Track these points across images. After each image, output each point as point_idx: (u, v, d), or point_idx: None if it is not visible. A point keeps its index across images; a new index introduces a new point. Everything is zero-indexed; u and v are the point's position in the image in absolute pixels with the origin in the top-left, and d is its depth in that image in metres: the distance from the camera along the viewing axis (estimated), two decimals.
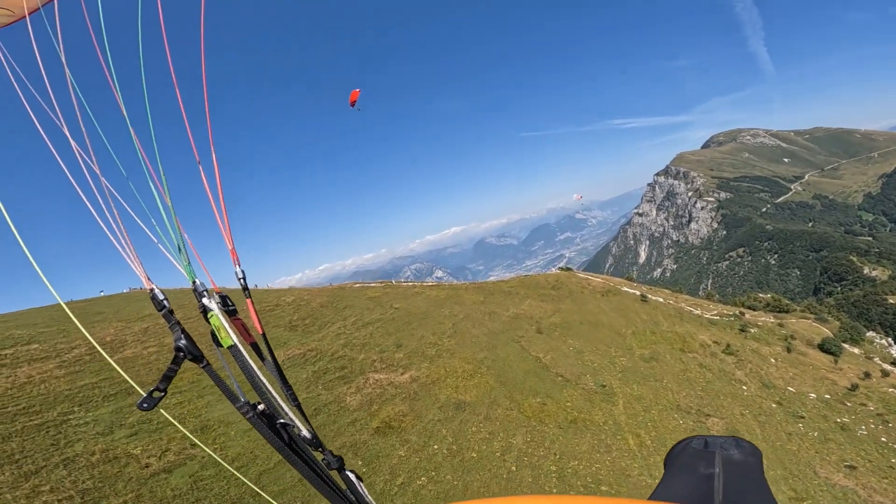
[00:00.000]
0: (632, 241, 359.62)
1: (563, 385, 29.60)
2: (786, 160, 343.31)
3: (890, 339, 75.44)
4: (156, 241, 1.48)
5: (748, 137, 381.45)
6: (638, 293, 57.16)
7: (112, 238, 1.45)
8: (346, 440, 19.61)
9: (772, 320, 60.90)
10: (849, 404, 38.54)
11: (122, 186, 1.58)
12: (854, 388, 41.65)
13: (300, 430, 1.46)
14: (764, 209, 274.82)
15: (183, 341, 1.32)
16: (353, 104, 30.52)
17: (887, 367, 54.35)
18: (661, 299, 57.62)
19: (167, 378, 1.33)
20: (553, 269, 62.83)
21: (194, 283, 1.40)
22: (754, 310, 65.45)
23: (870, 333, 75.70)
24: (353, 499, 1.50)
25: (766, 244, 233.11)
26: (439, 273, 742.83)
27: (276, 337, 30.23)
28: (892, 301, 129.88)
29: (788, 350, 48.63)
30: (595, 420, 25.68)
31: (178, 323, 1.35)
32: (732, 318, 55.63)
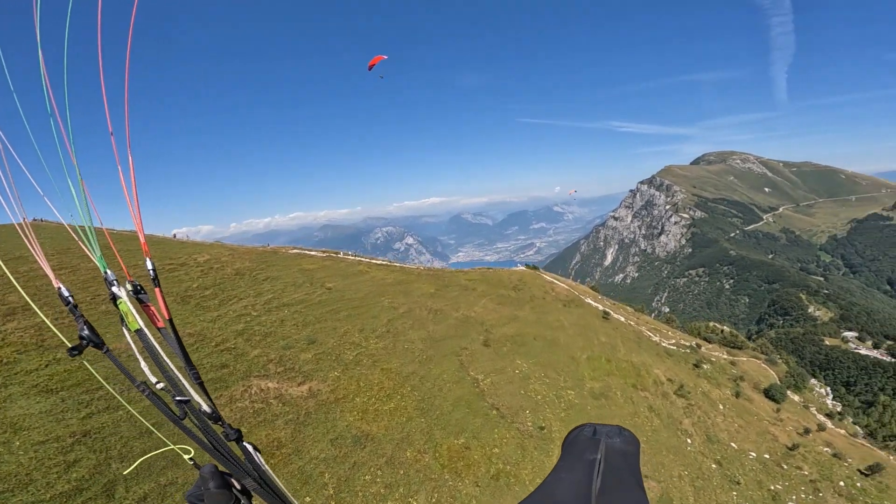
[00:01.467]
0: (602, 243, 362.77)
1: (497, 422, 24.84)
2: (767, 190, 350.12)
3: (828, 389, 76.74)
4: (76, 236, 1.48)
5: (738, 161, 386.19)
6: (601, 308, 53.43)
7: (21, 232, 1.50)
8: (166, 479, 13.14)
9: (724, 356, 59.53)
10: (785, 467, 37.07)
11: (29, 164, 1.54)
12: (794, 447, 41.55)
13: (200, 406, 1.57)
14: (733, 234, 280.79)
15: (85, 331, 1.45)
16: (370, 68, 30.74)
17: (822, 418, 55.38)
18: (623, 318, 54.15)
19: (77, 349, 1.47)
20: (519, 266, 58.04)
21: (105, 272, 1.48)
22: (709, 342, 63.90)
23: (812, 381, 76.79)
24: (251, 468, 1.61)
25: (725, 268, 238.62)
26: (410, 240, 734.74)
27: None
28: (827, 343, 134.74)
29: (737, 395, 47.52)
30: (521, 477, 21.07)
31: (82, 315, 1.46)
32: (688, 351, 53.56)
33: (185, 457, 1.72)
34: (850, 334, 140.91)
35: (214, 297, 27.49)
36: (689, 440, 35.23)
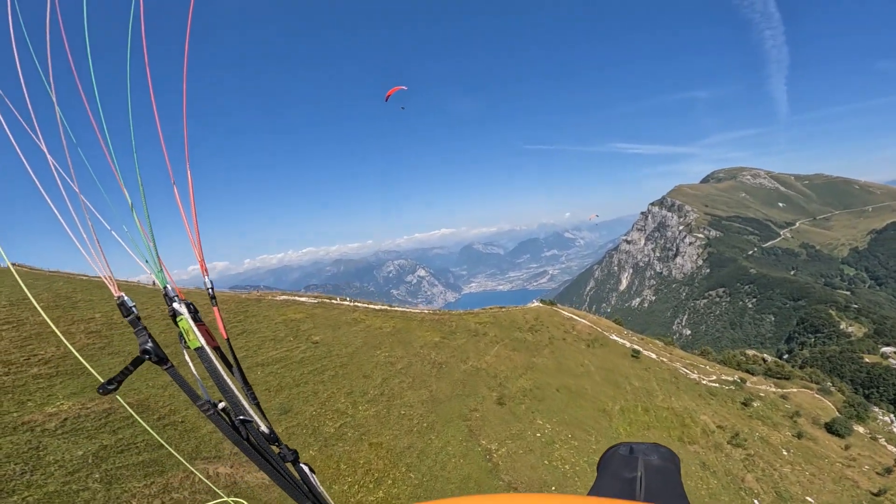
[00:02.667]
0: (615, 268, 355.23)
1: None
2: (781, 205, 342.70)
3: (892, 416, 68.57)
4: (131, 252, 1.50)
5: (748, 177, 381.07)
6: (628, 344, 47.88)
7: (83, 250, 1.45)
8: None
9: (773, 389, 52.97)
10: None
11: (91, 193, 1.51)
12: (879, 493, 35.47)
13: (259, 426, 1.53)
14: (750, 252, 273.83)
15: (150, 345, 1.39)
16: (387, 99, 31.18)
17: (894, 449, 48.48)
18: (654, 355, 48.38)
19: (123, 375, 1.43)
20: (534, 302, 52.97)
21: (165, 289, 1.45)
22: (753, 374, 57.31)
23: (874, 408, 69.07)
24: (307, 489, 1.59)
25: (746, 287, 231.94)
26: (422, 272, 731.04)
27: (110, 372, 19.41)
28: (867, 360, 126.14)
29: (799, 436, 41.13)
30: None
31: (145, 328, 1.40)
32: (733, 388, 47.29)
33: None
34: (889, 350, 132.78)
35: (174, 357, 23.05)
36: (756, 501, 29.11)
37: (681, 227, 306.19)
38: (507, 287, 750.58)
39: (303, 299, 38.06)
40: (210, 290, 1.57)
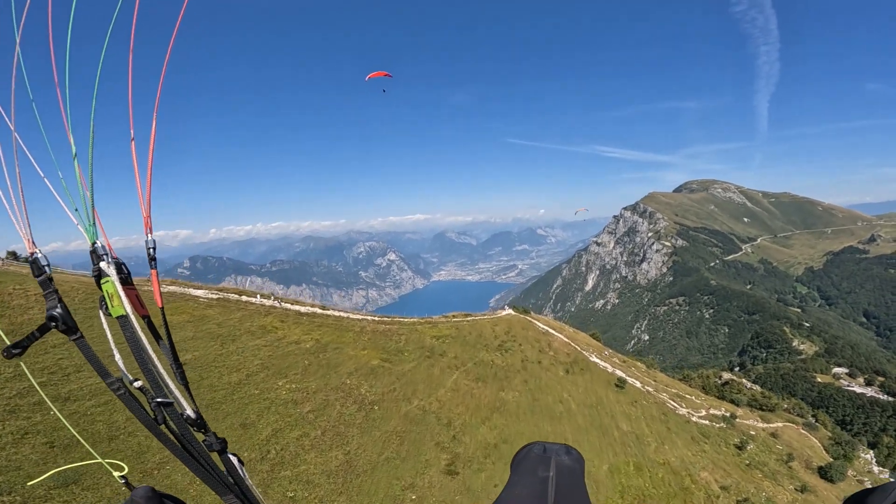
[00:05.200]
0: (583, 268, 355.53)
1: None
2: (746, 220, 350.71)
3: (872, 454, 65.41)
4: (59, 198, 1.29)
5: (719, 190, 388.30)
6: (610, 369, 40.51)
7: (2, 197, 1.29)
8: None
9: (761, 425, 47.51)
10: None
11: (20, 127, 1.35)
12: None
13: (184, 410, 1.35)
14: (713, 263, 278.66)
15: (58, 310, 1.20)
16: (369, 79, 30.80)
17: None
18: (639, 383, 41.28)
19: (29, 340, 1.25)
20: (505, 311, 44.54)
21: (94, 245, 1.27)
22: (737, 404, 51.89)
23: (857, 445, 66.03)
24: (232, 481, 1.44)
25: (705, 298, 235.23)
26: (392, 256, 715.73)
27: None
28: (819, 379, 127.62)
29: (803, 489, 35.13)
30: None
31: (56, 291, 1.23)
32: (724, 425, 41.14)
33: (116, 474, 1.40)
34: (840, 370, 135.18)
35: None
36: None
37: (650, 234, 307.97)
38: (476, 278, 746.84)
39: (198, 293, 27.88)
40: (151, 249, 1.32)
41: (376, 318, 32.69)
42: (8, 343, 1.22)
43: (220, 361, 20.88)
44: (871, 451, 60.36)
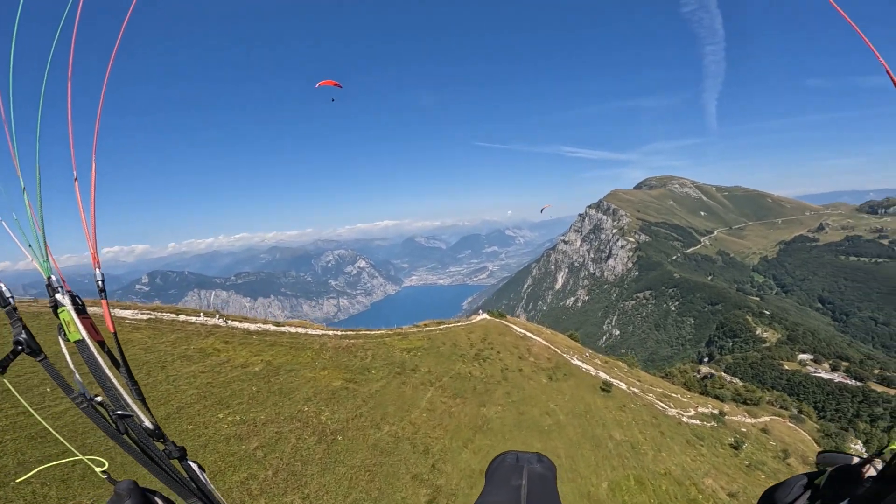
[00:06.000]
0: (552, 267, 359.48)
1: None
2: (702, 213, 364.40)
3: (861, 444, 65.96)
4: (13, 235, 1.48)
5: (676, 186, 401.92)
6: (593, 371, 38.34)
7: None
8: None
9: (749, 421, 46.66)
10: None
11: None
12: None
13: (142, 421, 1.49)
14: (675, 257, 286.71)
15: (23, 335, 1.37)
16: (319, 86, 30.63)
17: None
18: (624, 384, 39.29)
19: (5, 362, 1.39)
20: (480, 315, 41.64)
21: (49, 279, 1.43)
22: (722, 400, 51.14)
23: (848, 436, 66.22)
24: (195, 486, 1.54)
25: (670, 290, 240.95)
26: (362, 263, 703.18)
27: None
28: (787, 367, 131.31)
29: None
30: None
31: (20, 319, 1.39)
32: (716, 424, 39.76)
33: (98, 469, 1.51)
34: (805, 357, 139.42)
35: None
36: None
37: (614, 231, 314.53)
38: (447, 281, 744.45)
39: (125, 313, 23.50)
40: (100, 282, 1.51)
41: (339, 333, 29.02)
42: None
43: (146, 393, 16.79)
44: (860, 441, 60.74)
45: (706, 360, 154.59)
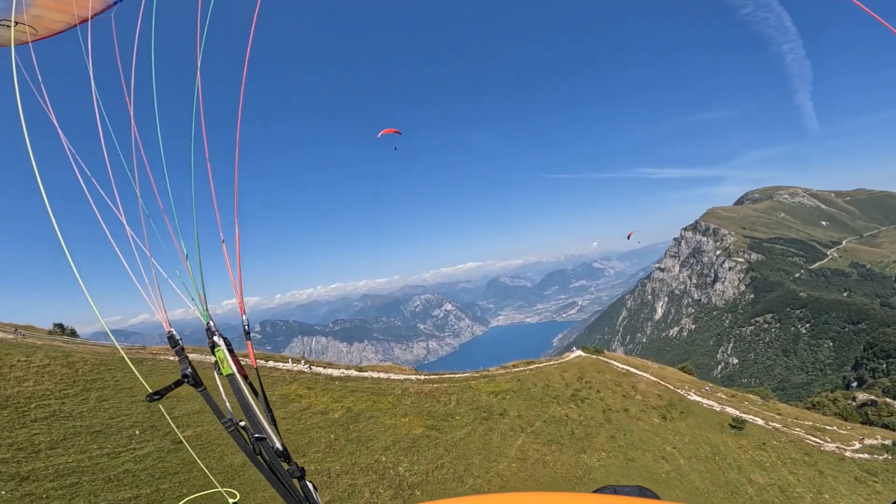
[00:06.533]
0: (650, 296, 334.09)
1: None
2: (824, 223, 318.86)
3: None
4: (182, 295, 1.89)
5: (785, 196, 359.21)
6: (717, 407, 32.40)
7: (140, 288, 1.89)
8: None
9: None
10: None
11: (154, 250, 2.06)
12: None
13: (274, 444, 1.78)
14: (797, 274, 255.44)
15: (189, 370, 1.78)
16: (379, 136, 33.32)
17: None
18: (760, 419, 32.68)
19: (167, 390, 1.82)
20: (574, 353, 37.76)
21: (208, 324, 1.83)
22: (893, 429, 40.82)
23: None
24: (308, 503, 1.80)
25: (797, 312, 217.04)
26: (448, 306, 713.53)
27: None
28: None
29: None
30: None
31: (187, 357, 1.81)
32: (889, 456, 31.50)
33: (231, 501, 1.96)
34: None
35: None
36: None
37: (718, 252, 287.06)
38: (535, 319, 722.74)
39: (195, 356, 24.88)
40: (246, 326, 1.87)
41: (422, 377, 27.77)
42: (150, 391, 1.74)
43: (224, 440, 16.99)
44: None
45: (855, 384, 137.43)
